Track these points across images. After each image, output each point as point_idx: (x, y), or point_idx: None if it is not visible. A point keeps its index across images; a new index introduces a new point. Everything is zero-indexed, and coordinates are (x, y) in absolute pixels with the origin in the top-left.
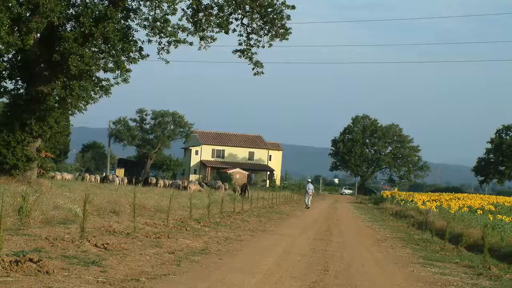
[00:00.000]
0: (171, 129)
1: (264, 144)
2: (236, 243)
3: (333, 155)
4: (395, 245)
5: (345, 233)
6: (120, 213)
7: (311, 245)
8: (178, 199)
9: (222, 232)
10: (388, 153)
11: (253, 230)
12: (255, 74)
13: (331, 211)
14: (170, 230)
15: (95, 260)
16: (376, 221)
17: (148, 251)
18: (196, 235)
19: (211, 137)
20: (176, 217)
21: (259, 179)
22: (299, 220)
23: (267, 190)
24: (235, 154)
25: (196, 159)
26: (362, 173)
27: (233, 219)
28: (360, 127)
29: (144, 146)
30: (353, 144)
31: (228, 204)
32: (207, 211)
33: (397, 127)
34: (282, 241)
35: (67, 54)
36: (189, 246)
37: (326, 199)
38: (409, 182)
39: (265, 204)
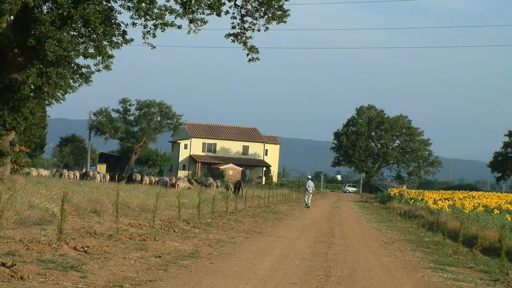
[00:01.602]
0: (157, 121)
1: (259, 137)
2: (229, 246)
3: (335, 150)
4: (403, 248)
5: (349, 235)
6: (102, 213)
7: (312, 248)
8: (166, 198)
9: (214, 233)
10: (396, 147)
11: (248, 231)
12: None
13: (333, 211)
14: (156, 232)
15: (74, 265)
16: (383, 221)
17: (132, 254)
18: (185, 237)
19: (202, 130)
20: (163, 218)
21: (254, 175)
22: (298, 221)
23: (263, 188)
24: (228, 148)
25: (185, 153)
26: (367, 169)
27: (226, 219)
28: (365, 118)
29: (128, 139)
30: (358, 137)
31: (220, 203)
32: (197, 211)
33: (405, 119)
34: (279, 243)
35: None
36: (178, 249)
37: (328, 198)
38: (419, 179)
39: (261, 203)
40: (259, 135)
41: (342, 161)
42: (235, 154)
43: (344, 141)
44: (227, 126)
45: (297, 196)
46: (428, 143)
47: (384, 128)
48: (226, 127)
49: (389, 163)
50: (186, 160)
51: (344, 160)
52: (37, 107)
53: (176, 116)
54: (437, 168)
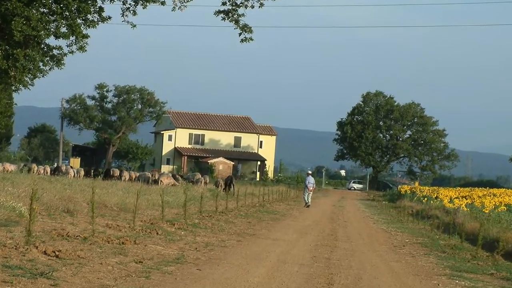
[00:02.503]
0: (138, 109)
1: (253, 127)
2: (219, 250)
3: (339, 141)
4: (415, 253)
5: (354, 238)
6: (76, 213)
7: (312, 252)
8: (147, 196)
9: (202, 236)
10: (407, 139)
11: (240, 234)
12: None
13: (337, 211)
14: (137, 234)
15: (44, 271)
16: (392, 222)
17: (110, 260)
18: (169, 240)
19: (188, 119)
20: (144, 218)
21: (247, 170)
22: (297, 222)
23: (257, 185)
24: (218, 140)
25: (169, 146)
26: (374, 163)
27: (215, 220)
28: (373, 106)
29: (105, 130)
30: (364, 127)
31: (209, 201)
32: (183, 211)
33: (418, 107)
34: (276, 247)
35: (10, 16)
36: (161, 254)
37: (331, 196)
38: (433, 175)
39: (255, 202)
40: (252, 125)
41: (347, 154)
42: (225, 146)
43: (349, 132)
44: (216, 115)
45: (296, 194)
46: (443, 134)
47: (393, 117)
48: (215, 116)
49: (400, 157)
50: (170, 153)
51: (349, 153)
52: (3, 94)
53: (159, 103)
54: (453, 162)
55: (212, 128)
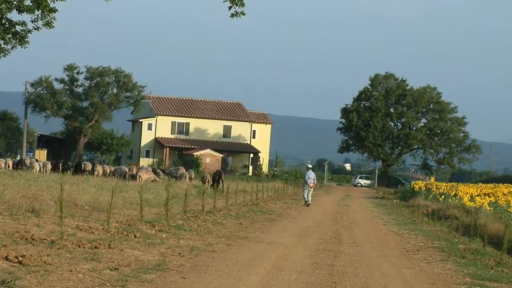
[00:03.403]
0: (113, 94)
1: (245, 114)
2: (206, 255)
3: (343, 131)
4: (431, 258)
5: (361, 241)
6: (42, 213)
7: (312, 258)
8: (124, 193)
9: (186, 239)
10: (421, 128)
11: (230, 236)
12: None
13: (341, 210)
14: (112, 237)
15: (5, 280)
16: (405, 223)
17: (81, 266)
18: (149, 243)
19: (171, 105)
20: (120, 219)
21: (238, 164)
22: (296, 223)
23: (250, 180)
24: (205, 129)
25: (149, 136)
26: (384, 155)
27: (202, 221)
28: (382, 90)
29: (75, 117)
30: (372, 114)
31: (195, 200)
32: (164, 210)
33: (434, 91)
34: (271, 252)
35: None
36: (140, 260)
37: (334, 193)
38: (451, 169)
39: (247, 200)
40: (244, 112)
41: (352, 145)
42: (213, 136)
43: (355, 120)
44: (203, 101)
45: (294, 191)
46: (463, 122)
47: (406, 103)
48: (202, 101)
49: (413, 148)
50: (150, 144)
51: (355, 144)
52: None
53: (137, 87)
54: (474, 155)
55: (198, 115)
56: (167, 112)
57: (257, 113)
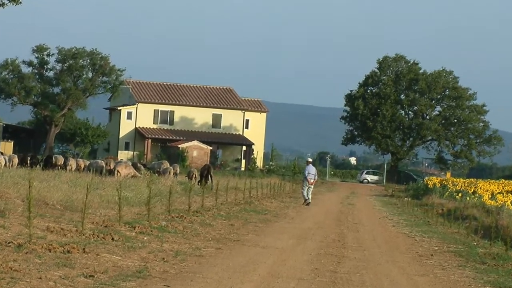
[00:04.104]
0: (88, 78)
1: (237, 102)
2: (193, 260)
3: (348, 120)
4: (447, 264)
5: (367, 245)
6: (7, 213)
7: (313, 263)
8: (100, 191)
9: (171, 243)
10: (436, 117)
11: (220, 239)
12: None
13: (345, 209)
14: (87, 240)
15: None
16: (417, 225)
17: (51, 273)
18: (128, 247)
19: (153, 91)
20: (96, 219)
21: (229, 158)
22: (294, 224)
23: (243, 176)
24: (192, 119)
25: (128, 126)
26: (394, 148)
27: (188, 222)
28: (392, 74)
29: (45, 105)
30: (380, 102)
31: (180, 198)
32: (146, 210)
33: (450, 75)
34: (266, 257)
35: None
36: (118, 266)
37: (337, 190)
38: (469, 163)
39: (239, 198)
40: (236, 99)
41: (358, 136)
42: (201, 126)
43: (361, 108)
44: (189, 86)
45: (292, 188)
46: (483, 110)
47: (419, 88)
48: (188, 87)
49: (426, 140)
50: (130, 135)
51: (361, 135)
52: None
53: (115, 71)
54: (496, 147)
55: (184, 103)
56: (149, 99)
57: (250, 100)
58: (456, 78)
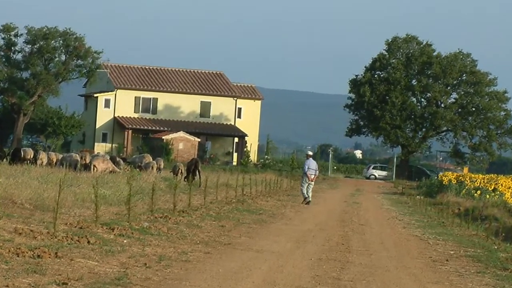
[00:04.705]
0: (61, 62)
1: (228, 88)
2: (179, 266)
3: (353, 108)
4: (464, 270)
5: (375, 248)
6: None
7: (314, 269)
8: (75, 188)
9: (154, 246)
10: (452, 105)
11: (209, 242)
12: None
13: (350, 209)
14: (59, 243)
15: None
16: (431, 226)
17: (20, 280)
18: (106, 251)
19: (134, 76)
20: (70, 220)
21: (219, 151)
22: (292, 225)
23: (235, 171)
24: (177, 107)
25: (106, 115)
26: (404, 140)
27: (173, 223)
28: (402, 57)
29: (13, 91)
30: (389, 88)
31: (165, 196)
32: (126, 209)
33: (467, 58)
34: (261, 262)
35: None
36: (94, 272)
37: (341, 187)
38: (489, 157)
39: (231, 197)
40: (227, 85)
41: (364, 127)
42: (188, 116)
43: (367, 95)
44: (175, 70)
45: (290, 185)
46: (504, 98)
47: (432, 73)
48: (173, 71)
49: (441, 131)
50: (108, 125)
51: (367, 125)
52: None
53: (91, 53)
54: None
55: (169, 89)
56: (129, 84)
57: (243, 86)
58: (475, 61)
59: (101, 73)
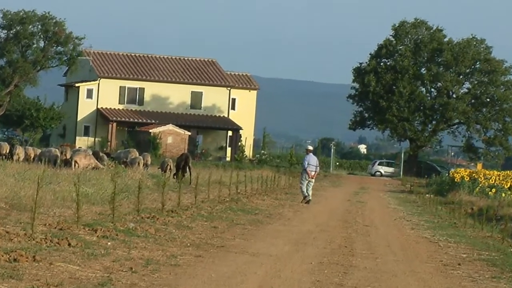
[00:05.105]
0: (39, 48)
1: (221, 77)
2: (167, 270)
3: (357, 99)
4: (477, 275)
5: (381, 252)
6: None
7: (314, 274)
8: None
9: (140, 249)
10: (464, 95)
11: (200, 245)
12: None
13: (353, 209)
14: (38, 246)
15: None
16: (441, 227)
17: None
18: (88, 255)
19: (119, 64)
20: (50, 221)
21: (211, 145)
22: (291, 226)
23: (228, 168)
24: (166, 98)
25: (88, 106)
26: (413, 133)
27: (162, 223)
28: (410, 44)
29: None
30: (396, 77)
31: (152, 194)
32: (110, 209)
33: (481, 45)
34: (257, 266)
35: None
36: (76, 277)
37: (344, 185)
38: (505, 152)
39: (224, 195)
40: (220, 74)
41: (369, 119)
42: (177, 107)
43: (373, 84)
44: (163, 58)
45: (289, 183)
46: None
47: (443, 60)
48: (162, 59)
49: (453, 124)
50: (90, 117)
51: (372, 118)
52: None
53: (72, 39)
54: None
55: (157, 78)
56: (113, 73)
57: (237, 74)
58: (489, 48)
59: (83, 60)
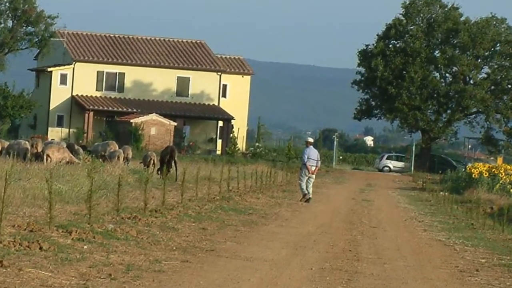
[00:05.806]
0: (6, 29)
1: (211, 60)
2: (150, 277)
3: (362, 86)
4: (497, 282)
5: (389, 256)
6: None
7: (315, 282)
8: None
9: (120, 253)
10: (483, 81)
11: (188, 248)
12: None
13: (359, 208)
14: (5, 250)
15: None
16: (457, 229)
17: None
18: (62, 260)
19: (96, 46)
20: (19, 221)
21: (200, 137)
22: (289, 227)
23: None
24: (148, 84)
25: (62, 93)
26: (425, 124)
27: (144, 224)
28: (423, 23)
29: None
30: (407, 60)
31: (134, 192)
32: (86, 208)
33: (502, 25)
34: (251, 273)
35: None
36: (48, 285)
37: (348, 181)
38: None
39: (214, 193)
40: (210, 57)
41: (376, 108)
42: (162, 94)
43: (381, 69)
44: (146, 39)
45: (286, 179)
46: None
47: (459, 42)
48: (144, 40)
49: (470, 113)
50: (64, 106)
51: (380, 106)
52: None
53: (44, 19)
54: None
55: (138, 62)
56: (90, 56)
57: (229, 58)
58: (510, 28)
59: (56, 42)
